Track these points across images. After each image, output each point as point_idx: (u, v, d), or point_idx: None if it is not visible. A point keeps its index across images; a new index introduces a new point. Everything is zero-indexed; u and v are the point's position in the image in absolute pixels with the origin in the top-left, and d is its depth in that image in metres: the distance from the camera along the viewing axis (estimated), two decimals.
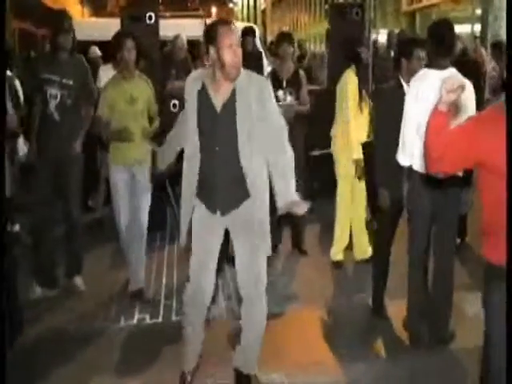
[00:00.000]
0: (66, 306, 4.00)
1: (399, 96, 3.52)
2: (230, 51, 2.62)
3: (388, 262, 3.81)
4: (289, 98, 4.65)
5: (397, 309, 3.69)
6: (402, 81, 3.61)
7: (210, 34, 2.68)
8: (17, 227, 5.00)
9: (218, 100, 2.71)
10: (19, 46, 11.93)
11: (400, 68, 3.64)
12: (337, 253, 4.68)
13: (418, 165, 3.19)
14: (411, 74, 3.50)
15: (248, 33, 5.97)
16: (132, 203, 4.00)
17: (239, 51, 2.67)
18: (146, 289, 4.14)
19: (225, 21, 2.80)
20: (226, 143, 2.70)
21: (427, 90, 3.12)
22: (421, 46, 3.58)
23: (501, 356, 2.03)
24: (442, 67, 3.23)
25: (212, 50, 2.65)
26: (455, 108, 2.66)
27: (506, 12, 2.14)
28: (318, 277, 4.47)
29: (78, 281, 4.24)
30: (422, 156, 2.21)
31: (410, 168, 3.35)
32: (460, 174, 3.02)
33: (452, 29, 3.35)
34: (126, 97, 3.89)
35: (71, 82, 4.01)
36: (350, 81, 4.45)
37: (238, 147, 2.68)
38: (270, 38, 15.78)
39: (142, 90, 3.98)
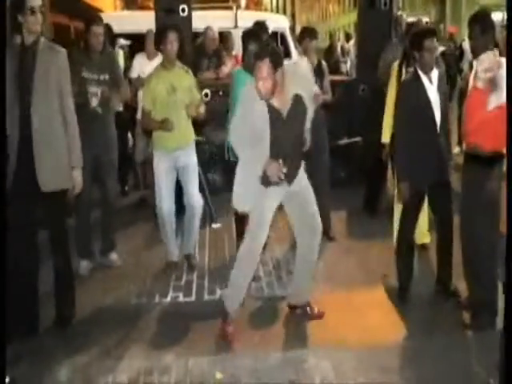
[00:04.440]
0: (103, 283, 4.25)
1: (417, 87, 3.61)
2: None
3: (412, 249, 3.92)
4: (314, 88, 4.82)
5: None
6: (419, 72, 3.63)
7: None
8: None
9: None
10: (54, 39, 12.23)
11: (416, 59, 3.66)
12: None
13: None
14: (424, 65, 3.58)
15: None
16: (185, 187, 4.30)
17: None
18: (193, 255, 4.55)
19: None
20: None
21: None
22: (431, 37, 3.58)
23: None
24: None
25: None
26: (492, 84, 2.72)
27: (507, 12, 2.23)
28: (345, 261, 4.60)
29: (114, 256, 4.59)
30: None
31: None
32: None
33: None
34: (167, 87, 4.06)
35: (107, 77, 4.25)
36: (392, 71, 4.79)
37: None
38: (299, 29, 15.84)
39: (182, 79, 4.15)
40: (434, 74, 3.65)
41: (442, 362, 3.16)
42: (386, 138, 4.78)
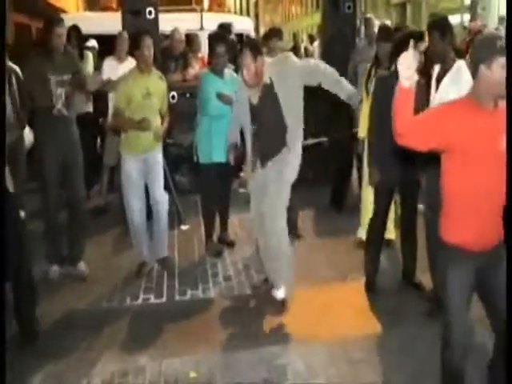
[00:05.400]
0: (73, 288, 4.21)
1: (394, 84, 3.72)
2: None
3: (381, 243, 4.05)
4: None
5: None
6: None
7: None
8: (22, 214, 5.16)
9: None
10: (15, 38, 12.01)
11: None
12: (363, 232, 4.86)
13: None
14: None
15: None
16: (150, 185, 4.28)
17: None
18: (170, 257, 4.54)
19: None
20: None
21: None
22: (422, 38, 3.72)
23: (460, 327, 2.37)
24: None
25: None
26: (419, 83, 2.80)
27: (506, 12, 2.29)
28: (313, 257, 4.68)
29: (82, 266, 4.45)
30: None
31: None
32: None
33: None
34: (143, 91, 4.07)
35: (70, 77, 4.21)
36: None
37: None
38: (262, 30, 15.90)
39: (157, 85, 4.19)
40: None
41: (411, 353, 3.26)
42: (362, 133, 4.82)
